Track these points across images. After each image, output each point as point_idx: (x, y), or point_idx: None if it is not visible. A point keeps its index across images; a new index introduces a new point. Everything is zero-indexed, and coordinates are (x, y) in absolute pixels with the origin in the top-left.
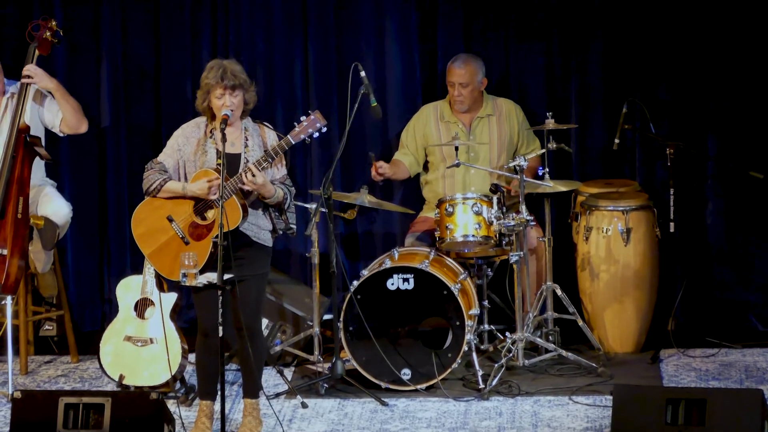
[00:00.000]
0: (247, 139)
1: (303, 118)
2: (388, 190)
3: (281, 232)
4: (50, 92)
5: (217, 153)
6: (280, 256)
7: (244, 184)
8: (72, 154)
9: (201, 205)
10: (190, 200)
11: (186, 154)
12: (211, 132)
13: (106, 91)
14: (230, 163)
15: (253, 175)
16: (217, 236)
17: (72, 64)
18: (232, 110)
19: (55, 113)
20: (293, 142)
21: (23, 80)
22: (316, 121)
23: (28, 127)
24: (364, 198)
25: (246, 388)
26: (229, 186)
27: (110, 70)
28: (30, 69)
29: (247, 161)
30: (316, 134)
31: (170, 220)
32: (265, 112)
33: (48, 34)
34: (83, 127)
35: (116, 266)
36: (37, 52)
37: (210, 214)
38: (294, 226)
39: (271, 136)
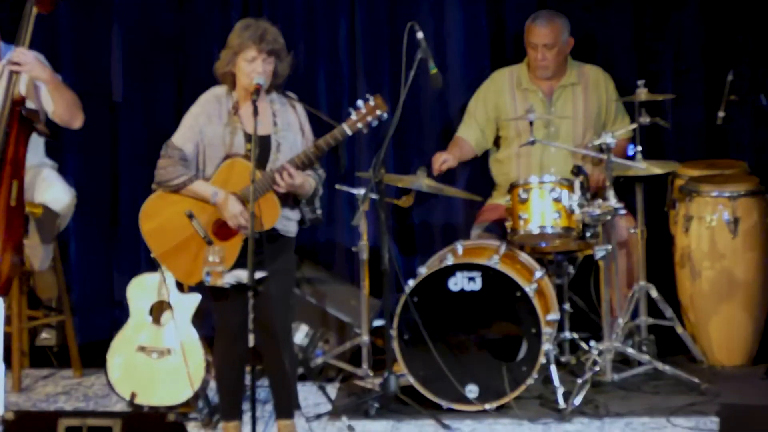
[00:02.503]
0: (275, 117)
1: (360, 103)
2: (450, 172)
3: (309, 223)
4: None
5: (245, 135)
6: (323, 250)
7: (278, 185)
8: (78, 130)
9: None
10: None
11: (208, 137)
12: (235, 108)
13: (119, 58)
14: (259, 148)
15: (290, 176)
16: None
17: (78, 26)
18: (264, 79)
19: (48, 101)
20: (349, 133)
21: (10, 67)
22: (376, 107)
23: (23, 99)
24: (422, 182)
25: (279, 407)
26: (261, 184)
27: (124, 33)
28: (19, 55)
29: (279, 144)
30: (375, 123)
31: (190, 216)
32: (305, 83)
33: None
34: (77, 123)
35: (128, 263)
36: (35, 9)
37: None
38: (320, 213)
39: (300, 111)
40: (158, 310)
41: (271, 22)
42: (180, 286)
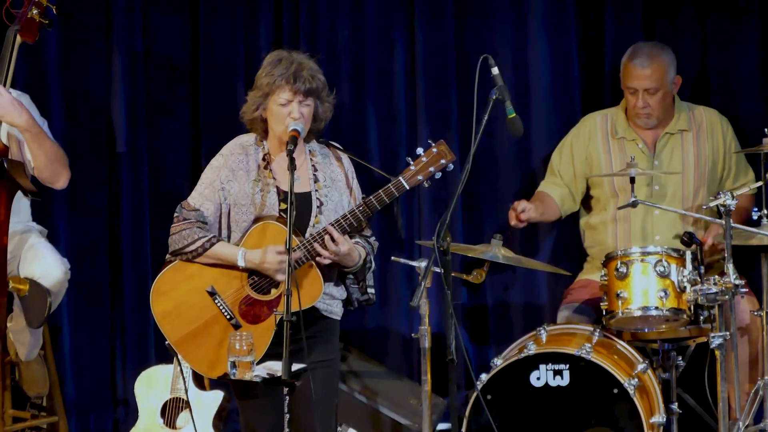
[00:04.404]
0: (316, 170)
1: (421, 151)
2: (531, 241)
3: (357, 304)
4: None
5: (279, 193)
6: (373, 336)
7: (319, 254)
8: (72, 187)
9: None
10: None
11: (233, 195)
12: (266, 160)
13: (121, 97)
14: (297, 208)
15: (335, 242)
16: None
17: (70, 57)
18: (302, 125)
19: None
20: (407, 188)
21: None
22: (440, 156)
23: (6, 149)
24: (498, 252)
25: None
26: (299, 252)
27: (126, 65)
28: None
29: (321, 204)
30: (439, 175)
31: (212, 293)
32: (351, 128)
33: (35, 11)
34: (60, 182)
35: (135, 351)
36: (19, 37)
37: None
38: (373, 294)
39: (346, 163)
40: (173, 409)
41: (309, 53)
42: (200, 381)
